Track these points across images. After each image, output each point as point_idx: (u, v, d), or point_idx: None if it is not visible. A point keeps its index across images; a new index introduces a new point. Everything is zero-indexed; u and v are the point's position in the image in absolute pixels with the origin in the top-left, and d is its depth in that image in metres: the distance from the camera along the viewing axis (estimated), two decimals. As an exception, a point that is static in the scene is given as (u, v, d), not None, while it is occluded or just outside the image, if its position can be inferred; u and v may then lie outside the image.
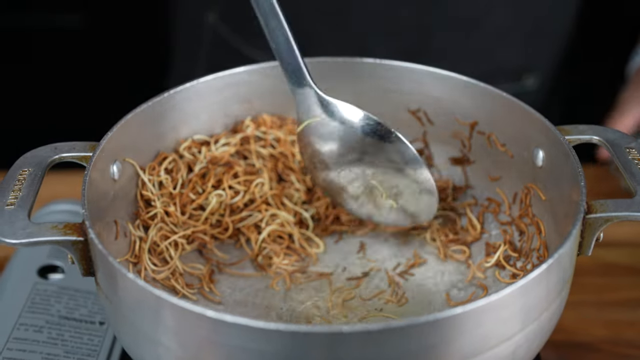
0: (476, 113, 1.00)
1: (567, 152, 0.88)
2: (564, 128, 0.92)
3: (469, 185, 1.05)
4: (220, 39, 1.41)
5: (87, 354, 0.95)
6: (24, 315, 0.98)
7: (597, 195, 0.87)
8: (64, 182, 1.14)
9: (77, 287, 1.02)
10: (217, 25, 1.40)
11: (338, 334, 0.71)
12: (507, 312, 0.77)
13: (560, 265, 0.80)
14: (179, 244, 0.98)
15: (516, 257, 0.97)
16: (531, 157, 0.96)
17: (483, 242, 1.01)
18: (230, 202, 1.01)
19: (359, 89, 1.03)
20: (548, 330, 0.84)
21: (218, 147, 1.02)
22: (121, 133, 0.92)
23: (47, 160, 0.89)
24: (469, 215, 1.03)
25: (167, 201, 0.98)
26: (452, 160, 1.05)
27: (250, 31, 1.35)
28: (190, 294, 0.96)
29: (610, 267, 1.09)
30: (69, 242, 0.81)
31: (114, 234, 0.93)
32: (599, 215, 0.83)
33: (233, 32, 1.39)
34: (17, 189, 0.85)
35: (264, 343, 0.72)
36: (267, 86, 1.03)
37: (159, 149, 0.99)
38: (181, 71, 1.53)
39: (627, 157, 0.89)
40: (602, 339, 1.00)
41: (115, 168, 0.93)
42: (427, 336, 0.73)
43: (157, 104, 0.96)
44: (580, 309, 1.03)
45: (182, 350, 0.77)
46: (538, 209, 0.96)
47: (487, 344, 0.77)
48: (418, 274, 1.00)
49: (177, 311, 0.74)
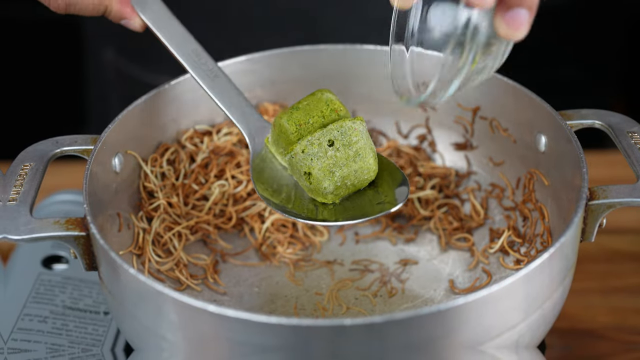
0: (479, 98, 1.00)
1: (569, 137, 0.88)
2: (566, 113, 0.92)
3: (471, 171, 1.04)
4: (122, 72, 1.40)
5: (92, 344, 0.95)
6: (29, 306, 0.98)
7: (600, 181, 0.87)
8: (67, 172, 1.13)
9: (82, 277, 1.02)
10: (116, 59, 1.40)
11: (340, 327, 0.72)
12: (509, 302, 0.77)
13: (563, 253, 0.80)
14: (182, 235, 0.98)
15: (520, 243, 0.97)
16: (534, 142, 0.95)
17: (487, 227, 1.01)
18: (233, 192, 1.01)
19: (359, 75, 1.03)
20: (551, 318, 0.84)
21: (220, 136, 1.02)
22: (122, 125, 0.92)
23: (49, 155, 0.89)
24: (472, 200, 1.03)
25: (169, 192, 0.98)
26: (455, 145, 1.05)
27: (147, 58, 1.34)
28: (195, 284, 0.96)
29: (614, 253, 1.09)
30: (71, 237, 0.82)
31: (117, 226, 0.93)
32: (601, 202, 0.83)
33: (131, 63, 1.38)
34: (19, 184, 0.85)
35: (267, 337, 0.73)
36: (268, 75, 1.03)
37: (161, 140, 0.99)
38: (98, 110, 1.52)
39: (629, 141, 0.88)
40: (606, 326, 1.00)
41: (117, 160, 0.93)
42: (430, 328, 0.74)
43: (157, 95, 0.96)
44: (585, 296, 1.03)
45: (185, 344, 0.77)
46: (541, 194, 0.96)
47: (490, 334, 0.77)
48: (422, 261, 1.00)
49: (179, 306, 0.75)
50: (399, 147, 1.05)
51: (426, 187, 1.03)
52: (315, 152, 0.87)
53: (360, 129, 0.87)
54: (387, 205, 0.88)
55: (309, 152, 0.87)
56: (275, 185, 0.91)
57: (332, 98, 0.89)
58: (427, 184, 1.04)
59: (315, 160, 0.87)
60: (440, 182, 1.04)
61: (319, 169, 0.87)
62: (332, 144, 0.87)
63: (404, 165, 1.04)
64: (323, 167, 0.87)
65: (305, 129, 0.88)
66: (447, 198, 1.04)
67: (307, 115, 0.89)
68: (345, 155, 0.87)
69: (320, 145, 0.86)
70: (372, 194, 0.90)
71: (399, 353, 0.74)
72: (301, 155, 0.87)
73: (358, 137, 0.87)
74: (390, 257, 1.01)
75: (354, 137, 0.87)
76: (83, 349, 0.94)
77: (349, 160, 0.87)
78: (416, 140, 1.06)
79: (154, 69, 1.33)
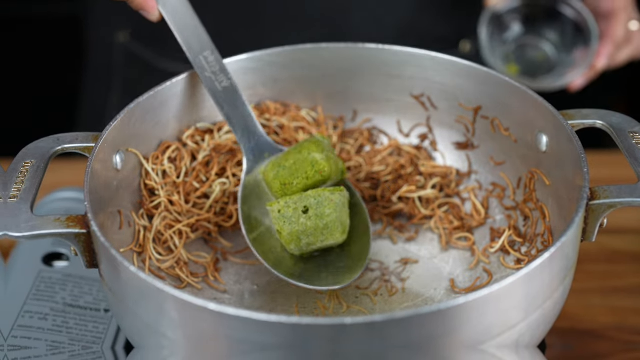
0: (480, 98, 1.00)
1: (570, 137, 0.88)
2: (568, 113, 0.92)
3: (472, 170, 1.04)
4: (134, 57, 1.40)
5: (92, 342, 0.95)
6: (29, 303, 0.98)
7: (601, 181, 0.87)
8: (68, 169, 1.13)
9: (82, 274, 1.02)
10: (129, 44, 1.40)
11: (340, 326, 0.72)
12: (510, 302, 0.77)
13: (564, 252, 0.80)
14: (183, 233, 0.98)
15: (521, 243, 0.97)
16: (535, 142, 0.95)
17: (487, 227, 1.01)
18: (234, 190, 1.01)
19: (361, 74, 1.03)
20: (552, 318, 0.84)
21: (221, 134, 1.02)
22: (124, 123, 0.92)
23: (50, 152, 0.89)
24: (473, 200, 1.03)
25: (171, 190, 0.98)
26: (456, 145, 1.05)
27: (164, 44, 1.34)
28: (195, 282, 0.96)
29: (615, 253, 1.09)
30: (71, 235, 0.82)
31: (118, 224, 0.93)
32: (602, 202, 0.83)
33: (146, 48, 1.38)
34: (20, 182, 0.85)
35: (267, 335, 0.73)
36: (270, 73, 1.03)
37: (162, 138, 0.99)
38: (94, 93, 1.52)
39: (630, 141, 0.88)
40: (607, 326, 1.00)
41: (119, 158, 0.93)
42: (430, 327, 0.74)
43: (159, 93, 0.96)
44: (585, 296, 1.03)
45: (185, 341, 0.77)
46: (542, 193, 0.96)
47: (490, 334, 0.77)
48: (422, 260, 1.00)
49: (179, 304, 0.75)
50: (400, 146, 1.05)
51: (427, 186, 1.03)
52: (289, 217, 0.92)
53: (337, 200, 0.92)
54: (346, 275, 0.94)
55: (283, 214, 0.92)
56: (258, 213, 0.97)
57: (318, 158, 0.95)
58: (428, 183, 1.04)
59: (287, 224, 0.92)
60: (441, 182, 1.04)
61: (288, 232, 0.92)
62: (307, 211, 0.92)
63: (405, 164, 1.04)
64: (292, 232, 0.92)
65: (289, 189, 0.95)
66: (448, 197, 1.04)
67: (292, 177, 0.95)
68: (314, 225, 0.92)
69: (296, 210, 0.92)
70: (337, 252, 0.96)
71: (400, 352, 0.74)
72: (277, 214, 0.92)
73: (331, 210, 0.92)
74: (391, 256, 1.01)
75: (328, 210, 0.92)
76: (83, 346, 0.95)
77: (317, 231, 0.92)
78: (417, 139, 1.06)
79: (168, 55, 1.33)
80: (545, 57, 1.33)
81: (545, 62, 1.33)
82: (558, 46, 1.33)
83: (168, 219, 0.98)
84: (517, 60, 1.32)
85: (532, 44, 1.34)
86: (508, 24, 1.32)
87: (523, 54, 1.33)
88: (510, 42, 1.33)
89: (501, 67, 1.29)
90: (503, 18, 1.31)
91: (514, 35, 1.33)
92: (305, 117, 1.05)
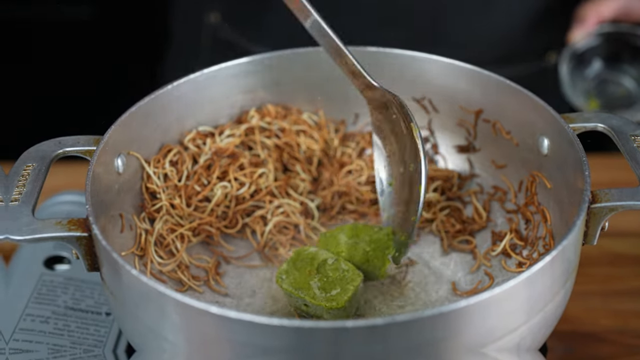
0: (481, 101, 1.00)
1: (572, 140, 0.88)
2: (569, 116, 0.92)
3: (474, 173, 1.04)
4: (222, 39, 1.40)
5: (94, 345, 0.95)
6: (31, 306, 0.98)
7: (602, 184, 0.87)
8: (70, 173, 1.13)
9: (84, 277, 1.02)
10: (219, 25, 1.40)
11: (342, 329, 0.72)
12: (511, 305, 0.77)
13: (565, 256, 0.80)
14: (185, 236, 0.98)
15: (522, 246, 0.97)
16: (536, 145, 0.95)
17: (489, 230, 1.01)
18: (236, 194, 1.01)
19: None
20: (553, 321, 0.84)
21: (223, 138, 1.02)
22: (125, 126, 0.92)
23: (51, 155, 0.89)
24: (474, 203, 1.03)
25: (172, 193, 0.98)
26: (457, 148, 1.05)
27: (254, 29, 1.34)
28: (197, 286, 0.96)
29: (616, 256, 1.09)
30: (73, 238, 0.82)
31: (119, 227, 0.93)
32: (603, 205, 0.83)
33: (235, 32, 1.39)
34: (22, 185, 0.85)
35: (268, 339, 0.73)
36: (271, 76, 1.03)
37: (164, 141, 0.99)
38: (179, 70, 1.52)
39: (632, 144, 0.88)
40: (608, 329, 1.00)
41: (120, 161, 0.93)
42: (431, 330, 0.74)
43: (161, 96, 0.96)
44: (587, 299, 1.03)
45: (187, 345, 0.77)
46: (544, 197, 0.96)
47: (491, 337, 0.77)
48: (424, 263, 1.00)
49: (181, 307, 0.75)
50: (401, 149, 1.05)
51: (429, 190, 1.03)
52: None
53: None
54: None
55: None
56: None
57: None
58: (429, 186, 1.04)
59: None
60: (442, 185, 1.04)
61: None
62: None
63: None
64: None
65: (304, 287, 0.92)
66: (449, 200, 1.04)
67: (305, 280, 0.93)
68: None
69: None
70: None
71: (401, 355, 0.74)
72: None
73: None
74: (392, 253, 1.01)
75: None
76: (85, 349, 0.95)
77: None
78: (419, 143, 1.06)
79: (259, 40, 1.33)
80: (627, 92, 1.34)
81: (626, 97, 1.34)
82: (639, 81, 1.34)
83: (169, 222, 0.98)
84: (597, 96, 1.33)
85: (613, 79, 1.34)
86: (589, 60, 1.33)
87: (604, 90, 1.34)
88: (591, 79, 1.33)
89: (583, 103, 1.30)
90: (584, 55, 1.32)
91: (595, 72, 1.34)
92: (307, 120, 1.05)
